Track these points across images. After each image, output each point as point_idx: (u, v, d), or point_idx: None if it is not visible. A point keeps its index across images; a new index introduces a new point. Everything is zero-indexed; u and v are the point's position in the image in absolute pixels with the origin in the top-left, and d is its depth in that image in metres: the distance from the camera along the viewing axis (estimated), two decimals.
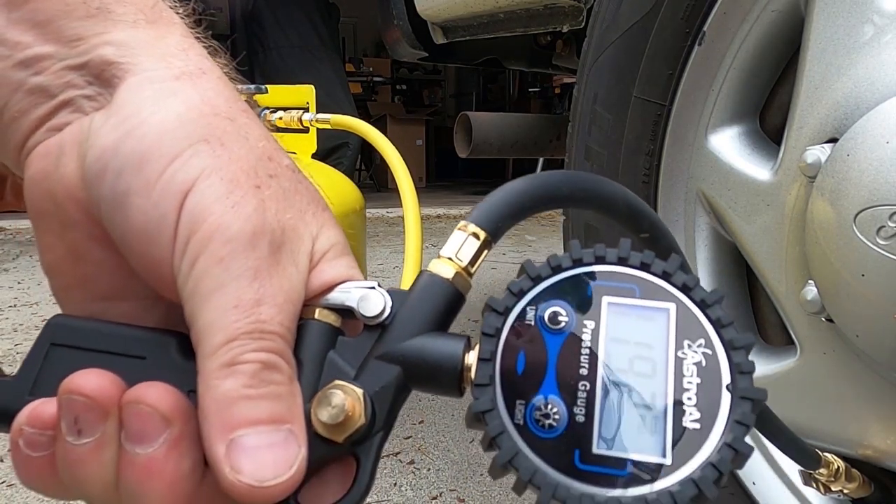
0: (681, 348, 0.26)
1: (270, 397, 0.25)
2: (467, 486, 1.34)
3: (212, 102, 0.29)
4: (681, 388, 0.25)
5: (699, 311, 0.26)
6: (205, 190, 0.26)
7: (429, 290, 0.29)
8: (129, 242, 0.27)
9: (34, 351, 0.28)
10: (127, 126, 0.27)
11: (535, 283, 0.28)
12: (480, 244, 0.30)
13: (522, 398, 0.26)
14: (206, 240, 0.26)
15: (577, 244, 0.28)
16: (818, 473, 0.65)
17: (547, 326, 0.27)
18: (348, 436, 0.26)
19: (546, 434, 0.25)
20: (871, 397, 0.71)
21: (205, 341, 0.25)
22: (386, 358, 0.28)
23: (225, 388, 0.25)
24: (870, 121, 0.63)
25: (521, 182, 0.31)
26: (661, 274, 0.27)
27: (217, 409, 0.25)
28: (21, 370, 0.28)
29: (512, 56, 1.77)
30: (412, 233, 0.95)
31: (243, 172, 0.27)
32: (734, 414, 0.24)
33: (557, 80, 6.35)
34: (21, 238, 4.01)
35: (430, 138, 8.26)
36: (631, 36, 0.85)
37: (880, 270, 0.62)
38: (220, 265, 0.26)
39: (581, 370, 0.26)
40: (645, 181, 0.87)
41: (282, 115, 1.34)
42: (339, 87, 4.96)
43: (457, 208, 5.50)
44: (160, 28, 0.30)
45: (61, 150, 0.29)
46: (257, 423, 0.25)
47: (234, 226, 0.26)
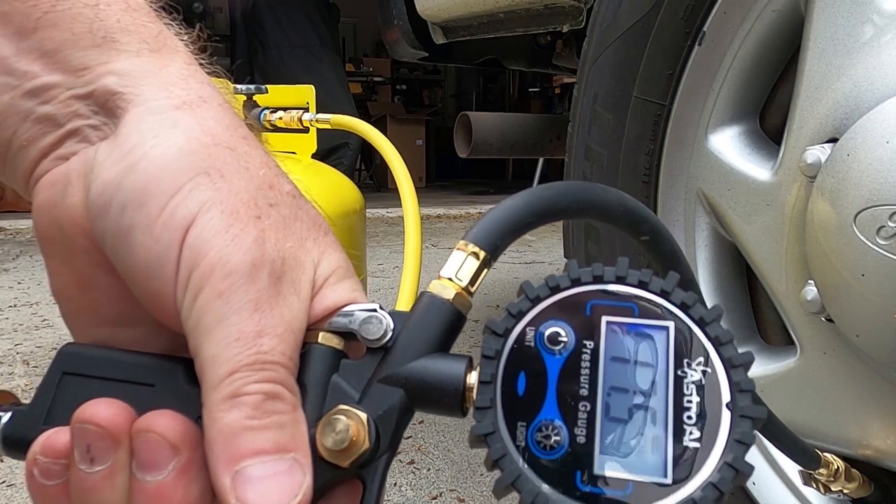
0: (680, 367, 0.26)
1: (274, 427, 0.26)
2: (467, 486, 1.34)
3: (212, 132, 0.29)
4: (681, 407, 0.25)
5: (698, 329, 0.27)
6: (205, 224, 0.27)
7: (430, 311, 0.29)
8: (134, 276, 0.28)
9: (47, 380, 0.29)
10: (129, 160, 0.28)
11: (533, 303, 0.28)
12: (480, 263, 0.30)
13: (524, 420, 0.26)
14: (206, 274, 0.26)
15: (574, 264, 0.28)
16: (818, 473, 0.65)
17: (547, 347, 0.27)
18: (353, 460, 0.26)
19: (548, 455, 0.25)
20: (871, 397, 0.71)
21: (208, 374, 0.26)
22: (389, 381, 0.28)
23: (229, 420, 0.25)
24: (870, 121, 0.63)
25: (519, 198, 0.31)
26: (660, 292, 0.27)
27: (222, 440, 0.25)
28: (35, 399, 0.29)
29: (512, 56, 1.77)
30: (412, 233, 0.95)
31: (243, 204, 0.28)
32: (734, 433, 0.25)
33: (557, 80, 6.35)
34: (21, 238, 4.01)
35: (430, 138, 8.26)
36: (631, 36, 0.85)
37: (880, 270, 0.62)
38: (220, 299, 0.26)
39: (581, 391, 0.26)
40: (645, 181, 0.87)
41: (282, 115, 1.34)
42: (339, 87, 4.97)
43: (457, 208, 5.50)
44: (163, 57, 0.31)
45: (67, 179, 0.29)
46: (261, 454, 0.25)
47: (233, 259, 0.27)
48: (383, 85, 8.73)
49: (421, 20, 1.51)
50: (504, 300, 2.57)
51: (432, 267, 3.24)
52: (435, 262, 3.39)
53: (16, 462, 1.39)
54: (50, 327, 2.27)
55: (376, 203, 4.92)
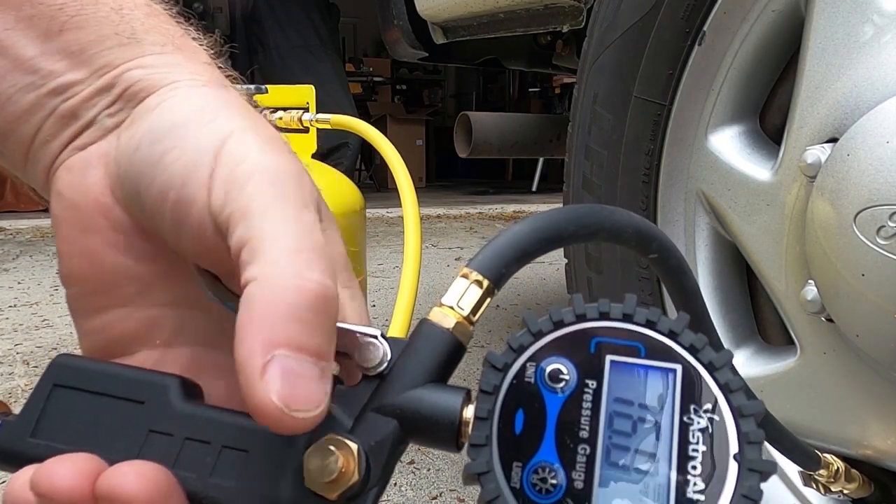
0: (686, 413, 0.25)
1: (321, 329, 0.24)
2: (467, 486, 1.34)
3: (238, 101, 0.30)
4: (685, 456, 0.24)
5: (707, 374, 0.25)
6: (243, 137, 0.27)
7: (429, 340, 0.28)
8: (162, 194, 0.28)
9: (37, 391, 0.29)
10: (159, 110, 0.29)
11: (535, 338, 0.26)
12: (483, 293, 0.29)
13: (519, 460, 0.25)
14: (252, 172, 0.26)
15: (579, 299, 0.27)
16: (818, 474, 0.65)
17: (547, 385, 0.26)
18: (341, 493, 0.25)
19: (543, 499, 0.24)
20: (871, 397, 0.71)
21: (269, 249, 0.24)
22: (383, 411, 0.27)
23: (287, 299, 0.23)
24: (870, 120, 0.63)
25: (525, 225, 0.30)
26: (668, 333, 0.26)
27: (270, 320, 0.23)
28: (24, 410, 0.29)
29: (512, 56, 1.77)
30: (412, 233, 0.95)
31: (276, 138, 0.28)
32: (741, 487, 0.23)
33: (557, 80, 6.35)
34: (21, 238, 4.01)
35: (430, 138, 8.26)
36: (631, 36, 0.85)
37: (880, 270, 0.62)
38: (273, 187, 0.26)
39: (581, 432, 0.25)
40: (645, 181, 0.87)
41: (282, 115, 1.34)
42: (339, 87, 4.96)
43: (457, 208, 5.50)
44: (186, 54, 0.32)
45: (87, 163, 0.30)
46: (303, 350, 0.24)
47: (280, 165, 0.27)
48: (383, 85, 8.73)
49: (421, 20, 1.51)
50: (504, 301, 2.57)
51: (432, 267, 3.24)
52: (435, 261, 3.39)
53: None
54: (50, 327, 2.27)
55: (376, 203, 4.92)
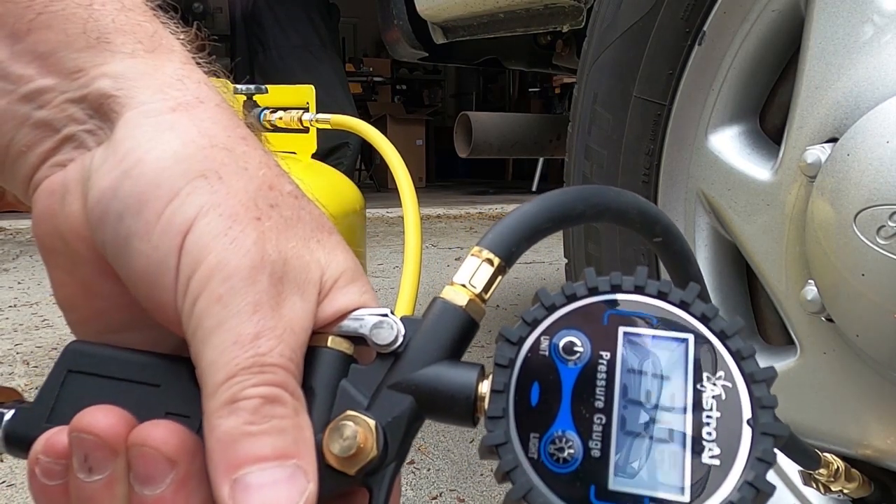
0: (699, 381, 0.25)
1: (274, 432, 0.25)
2: (467, 486, 1.34)
3: (209, 133, 0.28)
4: (700, 423, 0.24)
5: (719, 342, 0.26)
6: (203, 228, 0.26)
7: (442, 317, 0.28)
8: (135, 284, 0.28)
9: (52, 377, 0.29)
10: (124, 166, 0.27)
11: (549, 312, 0.27)
12: (494, 270, 0.29)
13: (536, 431, 0.25)
14: (205, 279, 0.26)
15: (591, 272, 0.27)
16: (818, 473, 0.65)
17: (561, 357, 0.26)
18: (360, 468, 0.26)
19: (561, 469, 0.24)
20: (871, 397, 0.71)
21: (206, 381, 0.25)
22: (399, 387, 0.27)
23: (226, 426, 0.24)
24: (870, 120, 0.63)
25: (534, 204, 0.30)
26: (679, 303, 0.26)
27: (220, 448, 0.24)
28: (39, 397, 0.29)
29: (512, 56, 1.77)
30: (412, 233, 0.95)
31: (242, 206, 0.27)
32: (755, 451, 0.24)
33: (557, 80, 6.35)
34: (21, 238, 4.01)
35: (430, 138, 8.26)
36: (631, 36, 0.85)
37: (880, 270, 0.62)
38: (218, 303, 0.26)
39: (597, 403, 0.25)
40: (645, 181, 0.87)
41: (282, 115, 1.34)
42: (339, 87, 4.97)
43: (457, 208, 5.50)
44: (159, 57, 0.30)
45: (65, 188, 0.29)
46: (261, 461, 0.24)
47: (232, 262, 0.26)
48: (383, 85, 8.73)
49: (421, 20, 1.51)
50: (504, 301, 2.57)
51: (432, 267, 3.24)
52: (435, 261, 3.39)
53: (16, 462, 1.39)
54: (50, 327, 2.27)
55: (376, 203, 4.92)
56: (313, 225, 0.30)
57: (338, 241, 0.31)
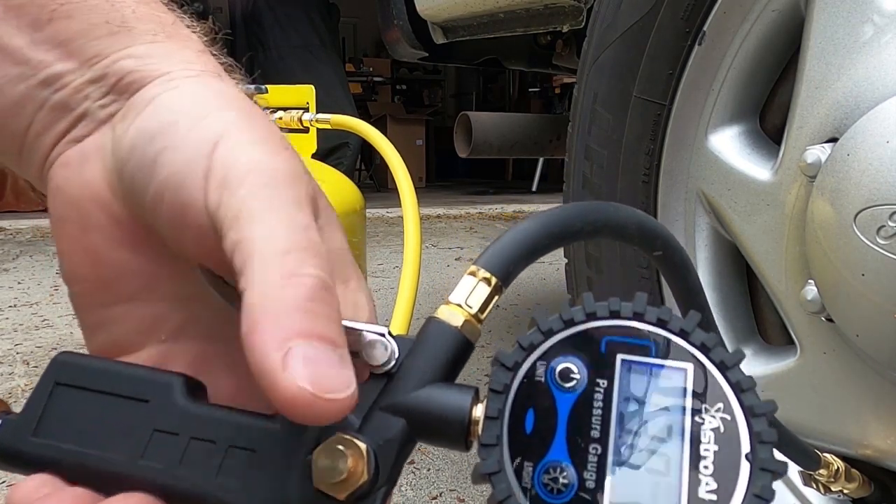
0: (698, 412, 0.25)
1: (329, 318, 0.24)
2: (467, 486, 1.34)
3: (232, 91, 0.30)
4: (697, 456, 0.24)
5: (718, 373, 0.25)
6: (236, 136, 0.27)
7: (437, 338, 0.28)
8: (161, 198, 0.27)
9: (39, 389, 0.28)
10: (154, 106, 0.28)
11: (545, 337, 0.26)
12: (491, 290, 0.29)
13: (531, 460, 0.24)
14: (245, 173, 0.26)
15: (590, 297, 0.27)
16: (818, 474, 0.65)
17: (558, 384, 0.26)
18: (350, 493, 0.25)
19: (555, 499, 0.24)
20: (871, 397, 0.71)
21: (260, 250, 0.24)
22: (391, 409, 0.27)
23: (286, 295, 0.23)
24: (870, 120, 0.63)
25: (532, 222, 0.30)
26: (679, 332, 0.26)
27: (274, 317, 0.23)
28: (25, 409, 0.28)
29: (512, 56, 1.77)
30: (412, 233, 0.95)
31: (270, 135, 0.28)
32: (753, 486, 0.23)
33: (557, 80, 6.35)
34: (21, 238, 4.01)
35: (430, 138, 8.25)
36: (631, 36, 0.85)
37: (880, 270, 0.62)
38: (266, 189, 0.25)
39: (593, 432, 0.25)
40: (645, 181, 0.87)
41: (282, 115, 1.34)
42: (339, 87, 4.96)
43: (457, 208, 5.50)
44: (178, 42, 0.31)
45: (84, 157, 0.29)
46: (316, 338, 0.23)
47: (272, 164, 0.26)
48: (383, 85, 8.72)
49: (421, 20, 1.51)
50: (503, 301, 2.57)
51: (432, 267, 3.24)
52: (435, 261, 3.39)
53: None
54: (50, 327, 2.27)
55: (376, 203, 4.92)
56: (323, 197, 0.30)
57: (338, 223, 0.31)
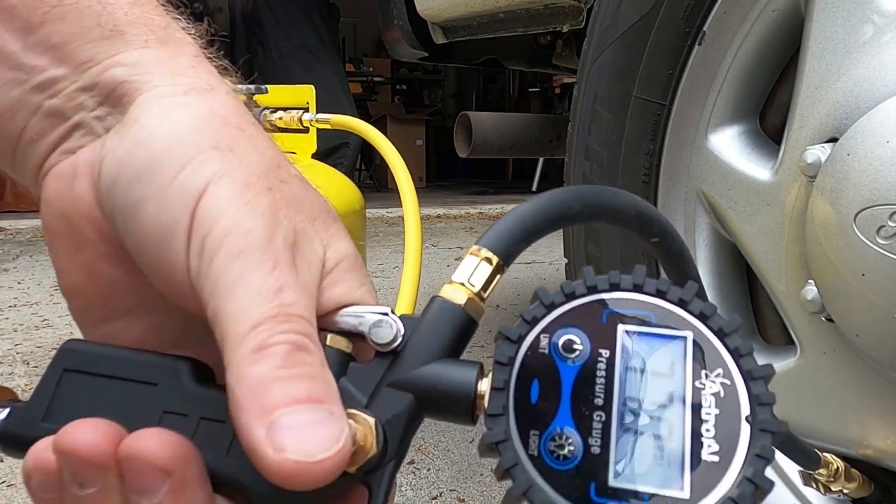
0: (698, 378, 0.25)
1: (306, 378, 0.24)
2: (467, 486, 1.34)
3: (221, 114, 0.29)
4: (699, 420, 0.25)
5: (717, 340, 0.26)
6: (217, 192, 0.27)
7: (441, 316, 0.28)
8: (144, 250, 0.28)
9: (47, 376, 0.29)
10: (138, 137, 0.28)
11: (548, 310, 0.27)
12: (493, 269, 0.29)
13: (536, 428, 0.25)
14: (221, 237, 0.26)
15: (590, 271, 0.27)
16: (818, 473, 0.65)
17: (561, 355, 0.26)
18: (360, 466, 0.26)
19: (561, 466, 0.25)
20: (871, 397, 0.71)
21: (231, 331, 0.25)
22: (398, 385, 0.27)
23: (257, 372, 0.24)
24: (870, 120, 0.63)
25: (532, 204, 0.31)
26: (678, 301, 0.27)
27: (251, 395, 0.24)
28: (34, 396, 0.28)
29: (512, 56, 1.77)
30: (412, 233, 0.95)
31: (255, 175, 0.28)
32: (754, 447, 0.24)
33: (557, 80, 6.35)
34: (21, 238, 4.01)
35: (430, 138, 8.26)
36: (631, 36, 0.85)
37: (880, 270, 0.62)
38: (238, 258, 0.26)
39: (596, 400, 0.25)
40: (645, 181, 0.87)
41: (282, 115, 1.34)
42: (339, 87, 4.97)
43: (457, 208, 5.50)
44: (170, 48, 0.31)
45: (75, 171, 0.29)
46: (296, 402, 0.24)
47: (248, 222, 0.26)
48: (383, 85, 8.72)
49: (421, 20, 1.51)
50: (503, 300, 2.57)
51: (432, 267, 3.24)
52: (435, 261, 3.39)
53: (16, 462, 1.40)
54: (50, 327, 2.27)
55: (376, 203, 4.92)
56: (319, 208, 0.30)
57: (340, 228, 0.31)
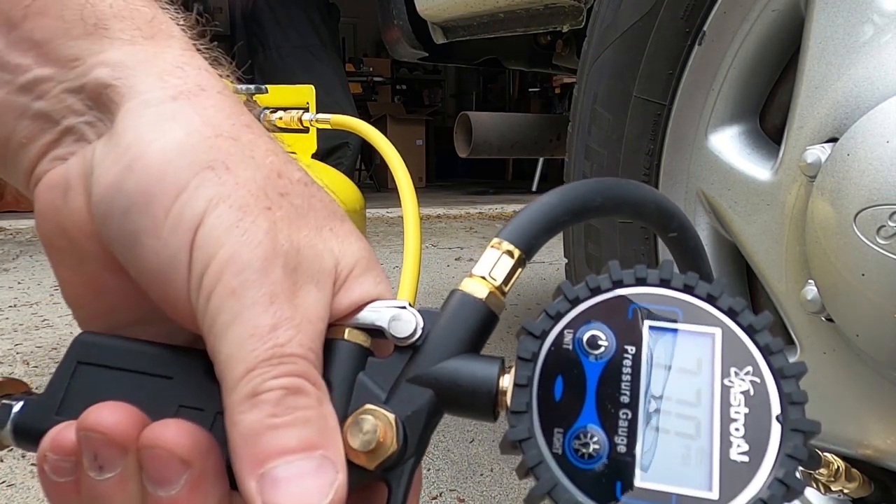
0: (727, 376, 0.25)
1: (298, 423, 0.24)
2: (467, 486, 1.34)
3: (212, 122, 0.28)
4: (728, 419, 0.24)
5: (746, 337, 0.25)
6: (214, 221, 0.26)
7: (462, 310, 0.28)
8: (146, 281, 0.27)
9: (61, 369, 0.28)
10: (127, 159, 0.27)
11: (572, 305, 0.26)
12: (514, 262, 0.28)
13: (561, 426, 0.24)
14: (218, 273, 0.25)
15: (616, 265, 0.27)
16: (818, 473, 0.65)
17: (585, 351, 0.25)
18: (380, 462, 0.25)
19: (586, 465, 0.24)
20: (871, 397, 0.71)
21: (226, 376, 0.25)
22: (418, 381, 0.27)
23: (249, 420, 0.24)
24: (870, 120, 0.63)
25: (554, 195, 0.30)
26: (706, 297, 0.26)
27: (244, 443, 0.24)
28: (48, 389, 0.28)
29: (512, 56, 1.77)
30: (412, 233, 0.95)
31: (252, 196, 0.26)
32: (785, 447, 0.23)
33: (557, 80, 6.35)
34: (21, 238, 4.01)
35: (430, 138, 8.26)
36: (631, 36, 0.85)
37: (880, 270, 0.62)
38: (233, 296, 0.25)
39: (622, 398, 0.25)
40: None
41: (282, 115, 1.34)
42: (339, 87, 4.96)
43: (457, 208, 5.50)
44: (158, 43, 0.29)
45: (67, 183, 0.28)
46: (287, 454, 0.24)
47: (244, 255, 0.25)
48: (383, 85, 8.72)
49: (421, 20, 1.51)
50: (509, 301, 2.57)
51: (432, 267, 3.24)
52: (435, 261, 3.39)
53: (16, 462, 1.39)
54: (50, 327, 2.27)
55: (376, 203, 4.92)
56: (325, 213, 0.29)
57: (350, 230, 0.30)
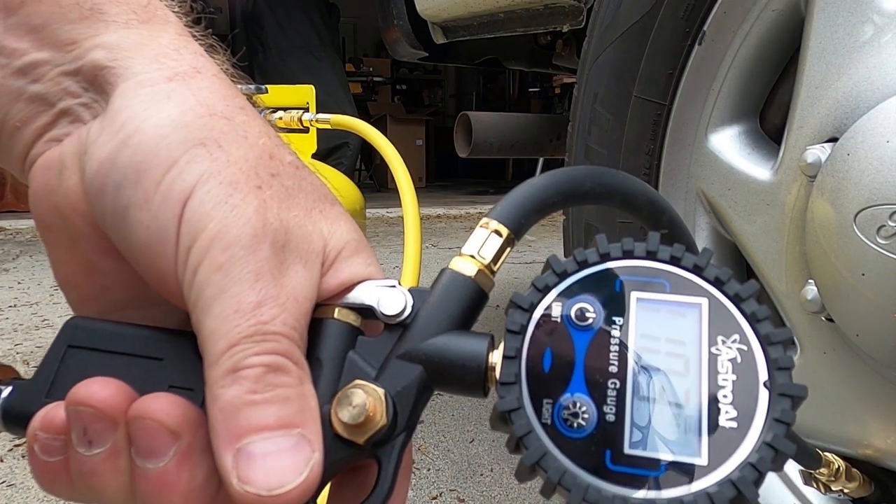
0: (714, 344, 0.25)
1: (277, 401, 0.24)
2: (467, 486, 1.34)
3: (207, 102, 0.28)
4: (715, 386, 0.24)
5: (733, 306, 0.25)
6: (203, 196, 0.26)
7: (451, 287, 0.28)
8: (136, 256, 0.27)
9: (51, 352, 0.28)
10: (122, 135, 0.27)
11: (560, 278, 0.27)
12: (503, 241, 0.29)
13: (549, 397, 0.25)
14: (205, 248, 0.25)
15: (603, 238, 0.27)
16: (818, 473, 0.65)
17: (574, 323, 0.26)
18: (369, 437, 0.25)
19: (575, 434, 0.24)
20: (871, 397, 0.71)
21: (208, 350, 0.25)
22: (407, 357, 0.27)
23: (229, 395, 0.24)
24: (870, 120, 0.63)
25: (544, 178, 0.30)
26: (692, 268, 0.26)
27: (223, 418, 0.24)
28: (38, 372, 0.28)
29: (512, 56, 1.77)
30: (412, 233, 0.95)
31: (243, 173, 0.27)
32: (773, 411, 0.23)
33: (557, 80, 6.35)
34: (21, 238, 4.01)
35: (430, 138, 8.26)
36: (631, 36, 0.85)
37: (880, 270, 0.62)
38: (219, 272, 0.25)
39: (610, 367, 0.25)
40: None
41: (282, 115, 1.34)
42: (339, 87, 4.97)
43: (457, 208, 5.50)
44: (153, 27, 0.29)
45: (62, 163, 0.28)
46: (264, 430, 0.24)
47: (232, 230, 0.25)
48: (383, 85, 8.72)
49: (421, 20, 1.51)
50: (504, 300, 2.57)
51: (432, 267, 3.24)
52: (435, 261, 3.39)
53: (16, 462, 1.39)
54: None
55: (376, 203, 4.92)
56: (315, 195, 0.29)
57: (340, 212, 0.30)
